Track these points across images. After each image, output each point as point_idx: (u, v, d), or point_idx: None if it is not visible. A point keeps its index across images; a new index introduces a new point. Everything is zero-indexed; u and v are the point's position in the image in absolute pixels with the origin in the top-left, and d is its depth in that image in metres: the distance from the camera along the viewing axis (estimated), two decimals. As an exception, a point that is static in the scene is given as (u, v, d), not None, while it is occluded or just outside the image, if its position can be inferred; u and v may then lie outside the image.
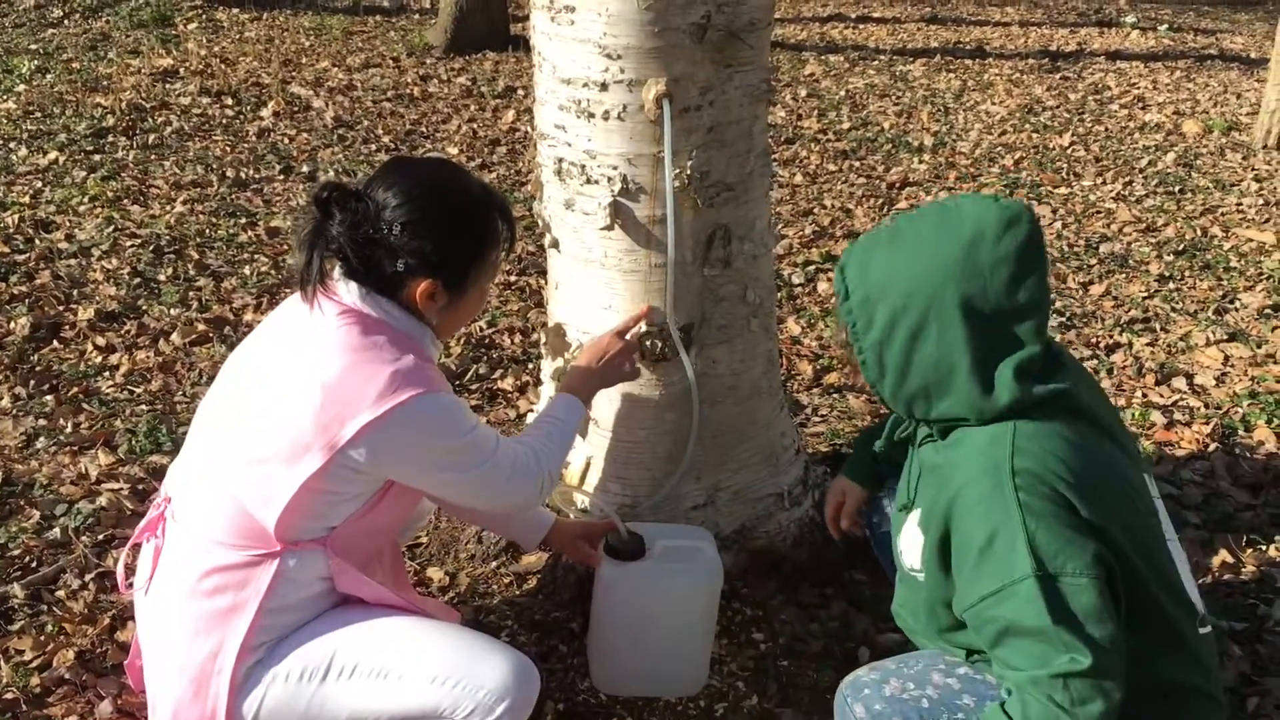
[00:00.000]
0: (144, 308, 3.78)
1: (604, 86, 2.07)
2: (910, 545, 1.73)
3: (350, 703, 1.76)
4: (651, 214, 2.15)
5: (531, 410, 3.00)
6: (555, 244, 2.31)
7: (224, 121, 5.99)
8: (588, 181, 2.17)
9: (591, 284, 2.27)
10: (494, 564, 2.55)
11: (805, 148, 6.20)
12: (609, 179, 2.14)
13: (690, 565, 2.21)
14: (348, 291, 1.77)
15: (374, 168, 5.35)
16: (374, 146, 5.77)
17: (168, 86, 6.52)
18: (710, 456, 2.43)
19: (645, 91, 2.05)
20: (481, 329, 3.76)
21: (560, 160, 2.20)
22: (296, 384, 1.70)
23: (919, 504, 1.71)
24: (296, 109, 6.29)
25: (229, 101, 6.32)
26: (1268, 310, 4.23)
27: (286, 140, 5.77)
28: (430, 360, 1.84)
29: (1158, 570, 1.57)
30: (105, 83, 6.49)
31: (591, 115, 2.11)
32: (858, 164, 5.98)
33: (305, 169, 5.34)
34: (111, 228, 4.43)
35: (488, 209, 1.83)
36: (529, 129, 5.80)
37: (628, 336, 2.19)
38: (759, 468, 2.51)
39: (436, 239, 1.75)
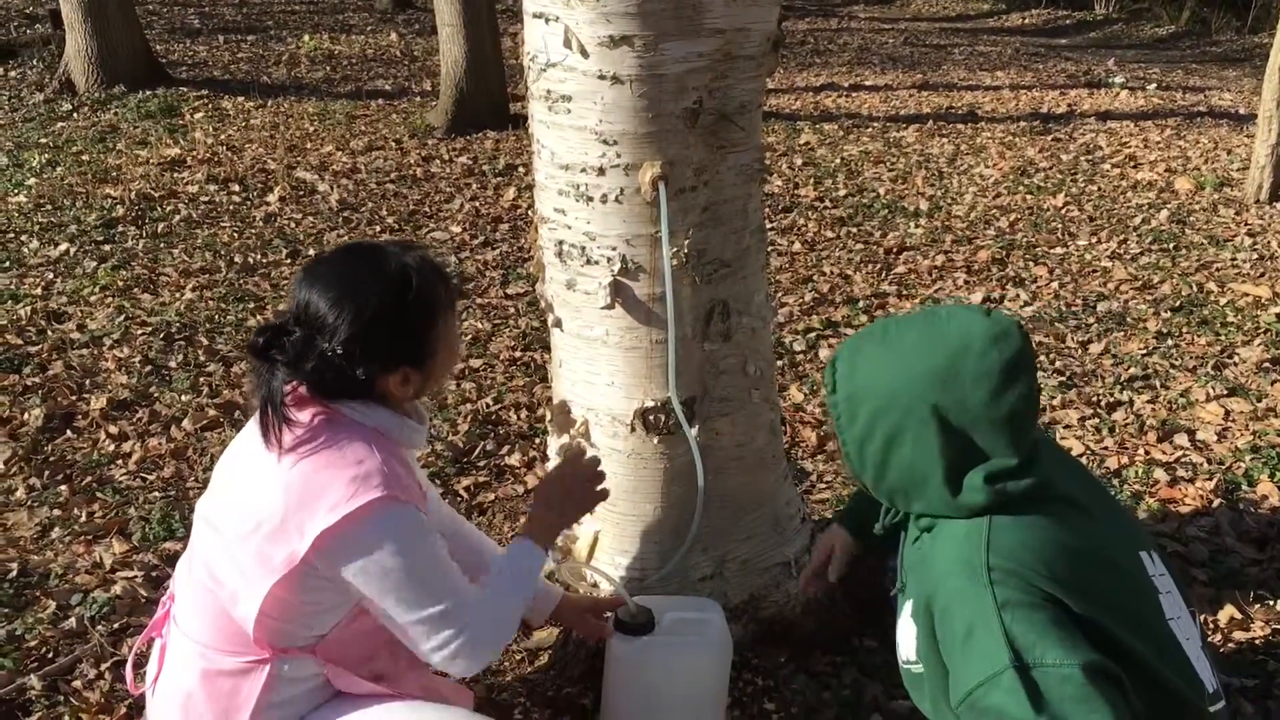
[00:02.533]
0: (155, 395, 3.84)
1: (601, 171, 2.14)
2: (905, 637, 1.74)
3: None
4: (651, 292, 2.21)
5: (539, 486, 3.04)
6: (558, 323, 2.37)
7: (231, 208, 6.10)
8: (588, 262, 2.23)
9: (594, 361, 2.32)
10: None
11: (803, 215, 6.30)
12: (609, 259, 2.20)
13: (700, 637, 2.22)
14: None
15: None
16: (379, 228, 5.87)
17: (175, 175, 6.65)
18: (717, 527, 2.46)
19: (641, 175, 2.11)
20: (488, 405, 3.80)
21: (561, 242, 2.26)
22: (265, 490, 1.72)
23: (909, 595, 1.73)
24: (302, 193, 6.41)
25: (235, 188, 6.44)
26: (1266, 364, 4.27)
27: (293, 224, 5.87)
28: (411, 447, 1.86)
29: (1156, 648, 1.56)
30: (114, 173, 6.62)
31: (590, 199, 2.17)
32: (855, 230, 6.06)
33: (312, 252, 5.43)
34: (122, 316, 4.50)
35: (417, 280, 1.77)
36: (530, 206, 5.91)
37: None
38: (766, 537, 2.54)
39: (384, 338, 1.73)
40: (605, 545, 2.45)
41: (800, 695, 2.44)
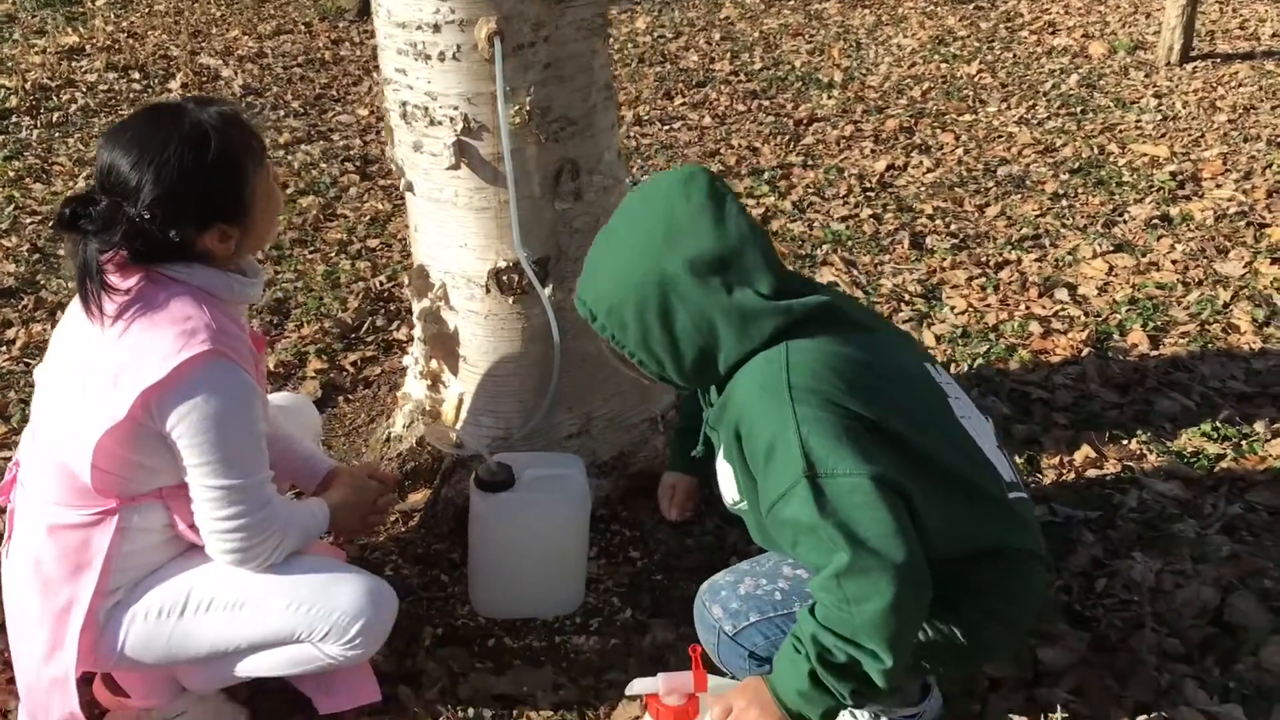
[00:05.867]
0: (42, 283, 3.80)
1: (437, 28, 2.12)
2: (725, 481, 1.81)
3: (210, 635, 1.83)
4: (496, 151, 2.21)
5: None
6: (409, 187, 2.37)
7: (131, 96, 5.95)
8: (431, 123, 2.22)
9: (446, 224, 2.33)
10: (382, 504, 2.62)
11: (715, 90, 6.24)
12: (451, 119, 2.20)
13: (557, 492, 2.29)
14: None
15: (282, 134, 5.33)
16: (282, 112, 5.76)
17: (73, 64, 6.44)
18: (579, 386, 2.51)
19: (477, 31, 2.10)
20: (381, 283, 3.81)
21: (404, 104, 2.25)
22: (96, 352, 1.74)
23: (720, 441, 1.78)
24: (205, 79, 6.26)
25: (136, 76, 6.26)
26: (1155, 220, 4.35)
27: (194, 111, 5.74)
28: (244, 302, 1.88)
29: (950, 444, 1.68)
30: (8, 64, 6.41)
31: (428, 57, 2.16)
32: (767, 103, 6.03)
33: (212, 138, 5.33)
34: (12, 206, 4.42)
35: (217, 137, 1.73)
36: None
37: None
38: (630, 395, 2.59)
39: (190, 197, 1.71)
40: (469, 406, 2.50)
41: (664, 544, 2.53)
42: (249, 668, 1.91)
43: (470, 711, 2.11)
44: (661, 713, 1.76)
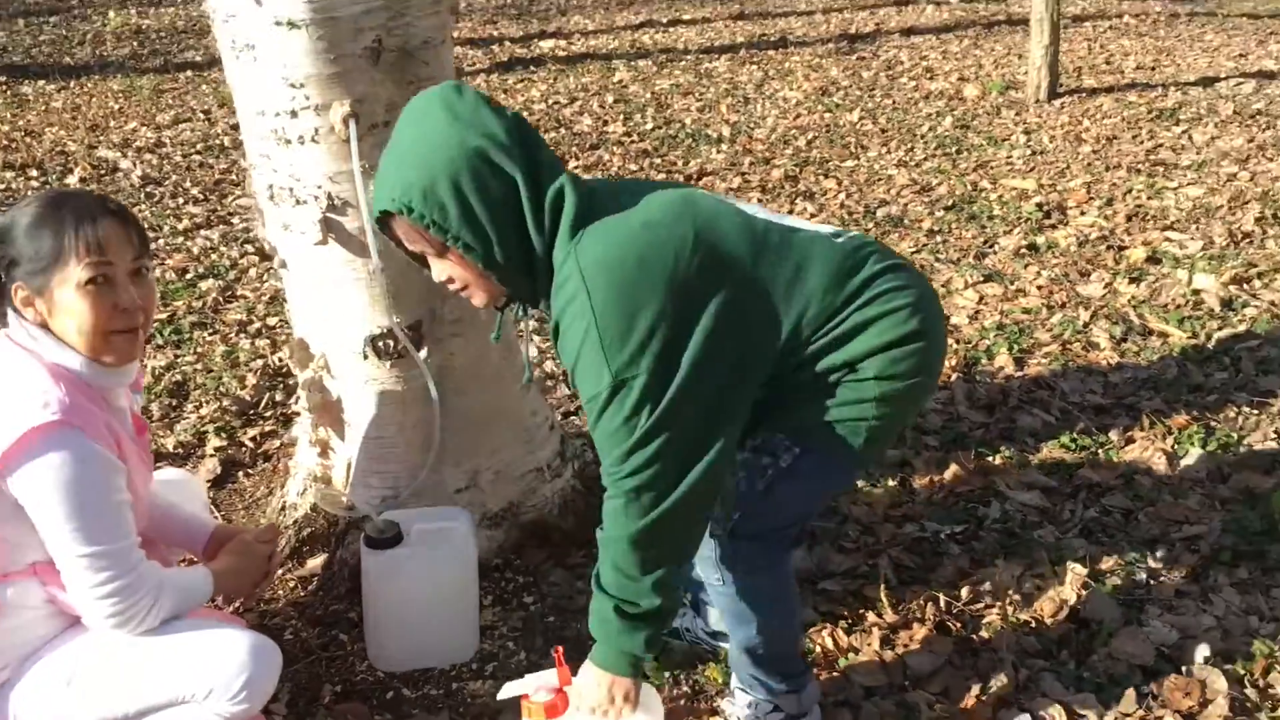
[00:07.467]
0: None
1: (294, 114, 2.25)
2: None
3: (97, 705, 1.88)
4: (361, 225, 2.33)
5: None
6: (283, 264, 2.48)
7: (28, 193, 5.98)
8: (297, 203, 2.34)
9: (320, 297, 2.44)
10: (281, 571, 2.69)
11: (609, 151, 6.45)
12: (316, 198, 2.32)
13: (444, 545, 2.38)
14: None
15: (182, 220, 5.40)
16: (182, 200, 5.83)
17: (-31, 165, 6.47)
18: (465, 442, 2.62)
19: (331, 114, 2.23)
20: (281, 359, 3.89)
21: (271, 186, 2.37)
22: None
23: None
24: (104, 172, 6.31)
25: (34, 173, 6.30)
26: (1022, 250, 4.60)
27: (93, 204, 5.79)
28: (110, 387, 1.91)
29: (746, 228, 1.77)
30: (-96, 170, 6.42)
31: (289, 141, 2.28)
32: (659, 161, 6.24)
33: (111, 230, 5.38)
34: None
35: (61, 207, 1.81)
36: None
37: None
38: (515, 447, 2.71)
39: (15, 242, 1.81)
40: (357, 468, 2.59)
41: (557, 587, 2.64)
42: (144, 735, 1.97)
43: (368, 762, 2.18)
44: (534, 710, 1.87)
